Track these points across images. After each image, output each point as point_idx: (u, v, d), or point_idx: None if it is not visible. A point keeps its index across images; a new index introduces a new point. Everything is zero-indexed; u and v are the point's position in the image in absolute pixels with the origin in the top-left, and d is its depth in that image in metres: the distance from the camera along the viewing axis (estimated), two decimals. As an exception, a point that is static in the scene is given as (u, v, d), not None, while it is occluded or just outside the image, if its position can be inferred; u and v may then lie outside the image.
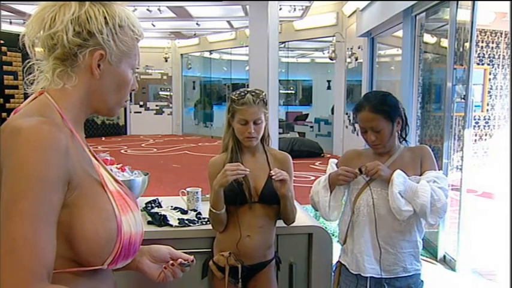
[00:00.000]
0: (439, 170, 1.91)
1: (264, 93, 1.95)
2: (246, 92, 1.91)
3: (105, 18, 0.92)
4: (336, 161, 2.04)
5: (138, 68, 1.04)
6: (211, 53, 15.19)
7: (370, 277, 1.84)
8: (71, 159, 0.84)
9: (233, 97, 1.92)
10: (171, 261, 1.15)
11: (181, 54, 15.15)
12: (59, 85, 0.92)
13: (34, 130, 0.80)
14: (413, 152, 1.92)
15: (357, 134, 8.81)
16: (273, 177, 1.81)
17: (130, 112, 14.71)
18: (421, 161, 1.87)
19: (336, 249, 2.08)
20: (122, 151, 10.68)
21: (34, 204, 0.77)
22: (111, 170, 1.83)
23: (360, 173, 1.85)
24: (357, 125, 8.70)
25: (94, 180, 0.91)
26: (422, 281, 1.93)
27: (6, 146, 0.81)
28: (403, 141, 1.94)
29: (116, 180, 1.02)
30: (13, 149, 0.79)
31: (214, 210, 1.88)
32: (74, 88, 0.93)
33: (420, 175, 1.84)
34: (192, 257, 1.17)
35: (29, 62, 0.95)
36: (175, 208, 2.39)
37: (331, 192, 1.93)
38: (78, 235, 0.85)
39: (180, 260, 1.15)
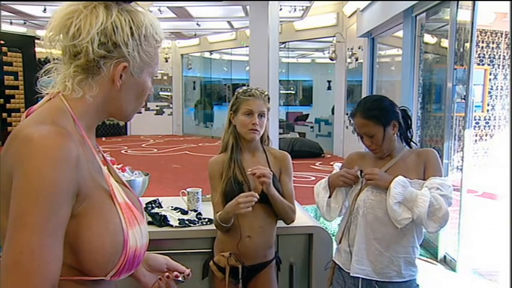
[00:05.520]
0: (444, 174, 1.86)
1: (267, 92, 2.02)
2: (251, 88, 1.99)
3: (131, 28, 0.90)
4: (340, 164, 2.04)
5: (157, 76, 1.04)
6: (211, 53, 15.19)
7: (362, 278, 1.83)
8: (81, 170, 0.83)
9: (238, 92, 1.98)
10: (167, 274, 1.14)
11: (182, 55, 15.15)
12: (79, 94, 0.90)
13: (45, 141, 0.79)
14: (418, 155, 1.88)
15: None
16: (249, 172, 1.85)
17: (130, 112, 14.71)
18: (425, 166, 1.83)
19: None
20: (122, 151, 10.67)
21: (43, 218, 0.77)
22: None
23: (360, 175, 1.85)
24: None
25: (103, 190, 0.90)
26: (417, 285, 1.90)
27: (17, 154, 0.80)
28: (407, 144, 1.92)
29: (124, 184, 1.02)
30: (24, 159, 0.78)
31: (223, 225, 1.89)
32: (92, 97, 0.91)
33: (424, 180, 1.81)
34: (188, 270, 1.16)
35: (46, 64, 0.93)
36: (175, 208, 2.39)
37: (330, 194, 1.93)
38: (84, 247, 0.84)
39: (175, 273, 1.14)
